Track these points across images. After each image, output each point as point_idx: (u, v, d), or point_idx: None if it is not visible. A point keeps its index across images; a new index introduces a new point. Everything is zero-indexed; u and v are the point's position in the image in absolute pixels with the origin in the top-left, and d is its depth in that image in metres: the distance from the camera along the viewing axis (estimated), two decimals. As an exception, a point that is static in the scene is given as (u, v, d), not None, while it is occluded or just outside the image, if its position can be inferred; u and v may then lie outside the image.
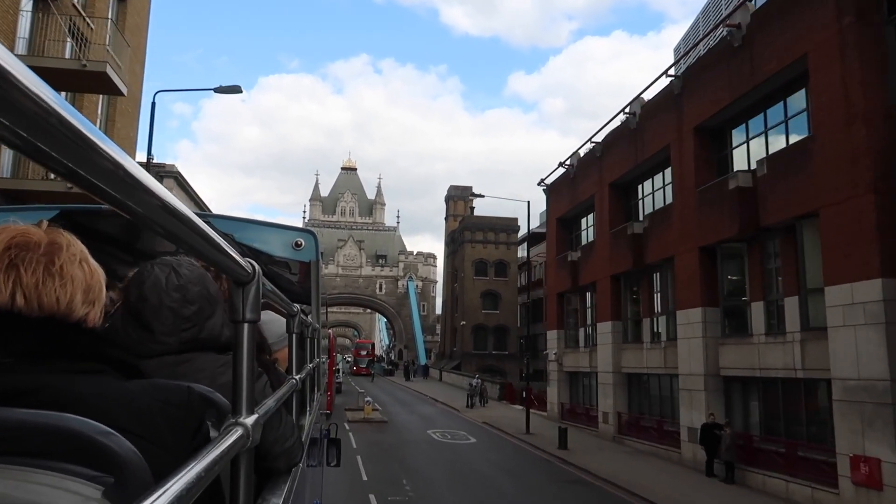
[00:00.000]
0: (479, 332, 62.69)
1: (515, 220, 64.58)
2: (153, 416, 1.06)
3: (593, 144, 27.72)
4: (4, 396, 0.94)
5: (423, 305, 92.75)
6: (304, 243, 3.69)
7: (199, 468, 0.72)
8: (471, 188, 76.38)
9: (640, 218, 24.42)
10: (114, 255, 3.30)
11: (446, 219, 77.84)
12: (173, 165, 31.09)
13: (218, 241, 0.84)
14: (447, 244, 73.36)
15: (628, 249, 23.67)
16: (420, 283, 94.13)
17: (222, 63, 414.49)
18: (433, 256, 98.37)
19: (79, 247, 1.12)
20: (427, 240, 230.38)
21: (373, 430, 25.73)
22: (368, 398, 30.12)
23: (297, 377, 2.29)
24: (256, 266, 1.11)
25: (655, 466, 19.68)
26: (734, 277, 19.14)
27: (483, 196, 32.78)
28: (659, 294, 23.18)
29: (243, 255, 1.05)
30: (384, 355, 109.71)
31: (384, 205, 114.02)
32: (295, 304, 2.38)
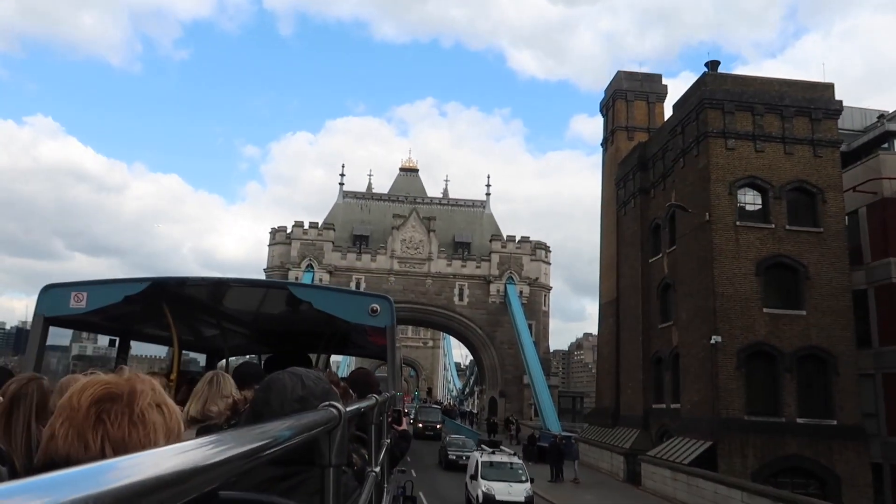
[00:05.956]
0: (755, 366, 23.83)
1: (831, 86, 26.16)
2: None
3: None
4: None
5: (531, 326, 54.58)
6: (379, 309, 4.04)
7: None
8: (660, 76, 38.74)
9: None
10: (200, 318, 3.81)
11: (606, 140, 39.67)
12: None
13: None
14: (618, 182, 35.14)
15: None
16: (525, 290, 56.24)
17: (293, 108, 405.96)
18: (545, 247, 60.44)
19: (157, 390, 1.15)
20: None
21: None
22: None
23: (376, 469, 2.29)
24: (342, 409, 1.15)
25: None
26: None
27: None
28: None
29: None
30: (454, 406, 75.47)
31: (452, 211, 77.85)
32: (373, 395, 2.53)
